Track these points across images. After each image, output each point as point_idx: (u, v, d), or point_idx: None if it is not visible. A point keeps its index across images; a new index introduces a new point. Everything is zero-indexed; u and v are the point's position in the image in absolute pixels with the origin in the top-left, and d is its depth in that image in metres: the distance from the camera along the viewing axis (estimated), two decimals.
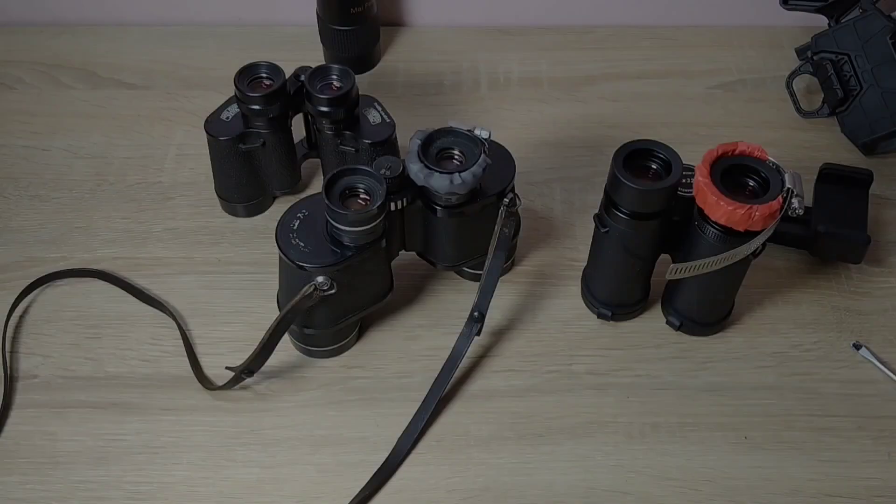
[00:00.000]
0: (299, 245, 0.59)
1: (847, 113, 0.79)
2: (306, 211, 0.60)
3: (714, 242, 0.57)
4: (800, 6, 0.80)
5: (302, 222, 0.60)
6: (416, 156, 0.59)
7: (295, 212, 0.60)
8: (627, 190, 0.57)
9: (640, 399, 0.64)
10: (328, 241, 0.59)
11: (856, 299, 0.69)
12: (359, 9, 0.83)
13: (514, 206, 0.62)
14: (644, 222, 0.59)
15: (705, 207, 0.56)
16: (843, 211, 0.70)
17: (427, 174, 0.58)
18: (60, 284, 0.70)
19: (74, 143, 0.81)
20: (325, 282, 0.58)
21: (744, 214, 0.54)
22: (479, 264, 0.65)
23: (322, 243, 0.59)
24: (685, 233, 0.60)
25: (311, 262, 0.58)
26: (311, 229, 0.59)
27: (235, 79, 0.67)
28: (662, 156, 0.58)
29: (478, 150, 0.60)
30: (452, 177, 0.58)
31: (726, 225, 0.56)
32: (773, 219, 0.55)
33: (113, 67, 0.88)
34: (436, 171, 0.58)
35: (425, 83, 0.87)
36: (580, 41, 0.91)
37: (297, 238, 0.59)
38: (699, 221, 0.58)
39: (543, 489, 0.59)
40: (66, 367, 0.65)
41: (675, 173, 0.57)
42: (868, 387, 0.64)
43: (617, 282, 0.65)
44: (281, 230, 0.59)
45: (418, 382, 0.64)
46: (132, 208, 0.75)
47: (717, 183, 0.55)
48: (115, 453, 0.61)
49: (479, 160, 0.59)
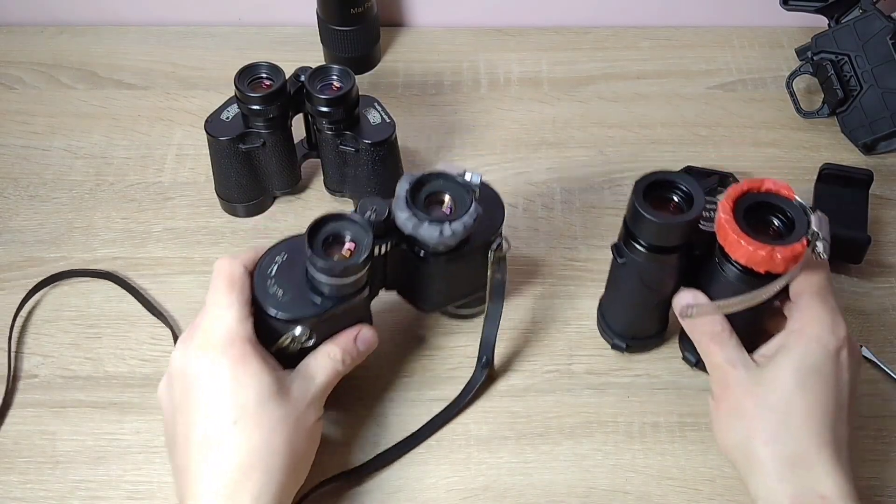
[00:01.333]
0: (277, 293, 0.54)
1: (847, 113, 0.79)
2: (285, 254, 0.56)
3: (734, 281, 0.55)
4: (800, 6, 0.80)
5: (280, 267, 0.55)
6: (404, 202, 0.55)
7: (273, 255, 0.56)
8: (647, 222, 0.54)
9: (640, 399, 0.63)
10: (308, 288, 0.55)
11: (856, 299, 0.69)
12: (359, 9, 0.83)
13: (503, 251, 0.60)
14: (663, 256, 0.56)
15: (726, 245, 0.53)
16: (843, 211, 0.70)
17: (416, 224, 0.55)
18: (60, 284, 0.70)
19: (74, 143, 0.81)
20: (304, 332, 0.54)
21: (765, 256, 0.52)
22: (463, 305, 0.65)
23: (301, 291, 0.55)
24: (705, 268, 0.57)
25: (288, 313, 0.54)
26: (289, 275, 0.55)
27: (235, 79, 0.67)
28: (684, 188, 0.56)
29: (469, 197, 0.56)
30: (442, 227, 0.55)
31: (747, 265, 0.53)
32: (796, 262, 0.52)
33: (112, 67, 0.88)
34: (425, 221, 0.55)
35: (425, 83, 0.87)
36: (580, 41, 0.91)
37: (275, 284, 0.55)
38: (719, 258, 0.55)
39: (543, 489, 0.59)
40: (65, 367, 0.65)
41: (697, 207, 0.54)
42: (868, 387, 0.64)
43: (633, 313, 0.63)
44: (258, 276, 0.55)
45: (418, 382, 0.64)
46: (132, 208, 0.75)
47: (739, 221, 0.53)
48: (114, 453, 0.61)
49: (470, 209, 0.56)
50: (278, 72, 0.68)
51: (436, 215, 0.56)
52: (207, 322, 0.53)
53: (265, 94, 0.67)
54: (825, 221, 0.53)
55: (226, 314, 0.53)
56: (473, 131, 0.82)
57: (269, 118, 0.68)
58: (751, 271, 0.53)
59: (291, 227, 0.74)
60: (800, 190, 0.75)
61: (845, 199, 0.71)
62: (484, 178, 0.57)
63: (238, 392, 0.52)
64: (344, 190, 0.74)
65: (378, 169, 0.70)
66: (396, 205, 0.55)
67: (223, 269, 0.54)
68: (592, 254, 0.72)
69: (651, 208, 0.54)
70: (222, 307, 0.53)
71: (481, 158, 0.80)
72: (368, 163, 0.70)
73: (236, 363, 0.52)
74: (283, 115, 0.69)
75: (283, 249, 0.56)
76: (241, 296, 0.54)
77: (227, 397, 0.51)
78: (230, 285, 0.54)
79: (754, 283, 0.54)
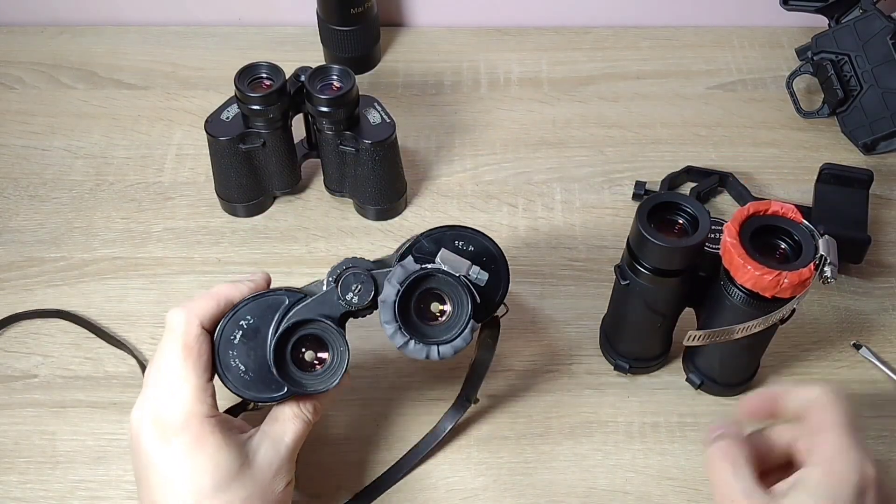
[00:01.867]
0: (239, 369, 0.49)
1: (847, 113, 0.79)
2: (250, 318, 0.50)
3: (739, 305, 0.54)
4: (800, 6, 0.80)
5: (245, 334, 0.50)
6: (391, 311, 0.49)
7: (238, 318, 0.50)
8: (651, 245, 0.53)
9: (640, 399, 0.63)
10: (273, 368, 0.49)
11: (856, 299, 0.69)
12: (359, 9, 0.83)
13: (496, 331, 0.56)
14: (667, 279, 0.55)
15: (731, 269, 0.52)
16: (843, 211, 0.70)
17: (403, 342, 0.49)
18: (60, 284, 0.70)
19: (74, 143, 0.81)
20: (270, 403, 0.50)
21: (772, 280, 0.51)
22: None
23: (265, 371, 0.50)
24: (711, 290, 0.56)
25: (252, 393, 0.50)
26: (254, 345, 0.50)
27: (235, 79, 0.67)
28: (689, 210, 0.54)
29: (467, 307, 0.50)
30: (429, 350, 0.49)
31: (753, 290, 0.52)
32: (803, 287, 0.51)
33: (112, 67, 0.88)
34: (411, 340, 0.49)
35: (425, 83, 0.87)
36: (580, 41, 0.91)
37: (236, 358, 0.49)
38: (725, 282, 0.54)
39: (543, 489, 0.59)
40: (65, 366, 0.65)
41: (703, 230, 0.53)
42: (868, 387, 0.64)
43: (636, 335, 0.62)
44: (221, 343, 0.49)
45: (418, 382, 0.64)
46: (132, 208, 0.75)
47: (745, 244, 0.52)
48: (114, 453, 0.61)
49: (464, 331, 0.50)
50: (278, 72, 0.68)
51: (426, 323, 0.51)
52: (162, 393, 0.49)
53: (265, 94, 0.67)
54: (833, 245, 0.52)
55: (181, 389, 0.48)
56: (473, 131, 0.82)
57: (269, 118, 0.68)
58: (757, 295, 0.52)
59: (291, 226, 0.74)
60: (800, 190, 0.76)
61: (845, 199, 0.71)
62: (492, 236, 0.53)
63: (194, 477, 0.48)
64: (344, 190, 0.74)
65: (378, 169, 0.70)
66: (383, 308, 0.49)
67: (177, 329, 0.49)
68: (592, 254, 0.72)
69: (656, 231, 0.53)
70: (177, 379, 0.49)
71: (481, 158, 0.80)
72: (368, 163, 0.70)
73: (192, 446, 0.48)
74: (283, 115, 0.69)
75: (249, 313, 0.50)
76: (197, 364, 0.49)
77: (182, 484, 0.48)
78: (186, 352, 0.49)
79: (761, 306, 0.53)
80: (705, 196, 0.76)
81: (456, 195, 0.77)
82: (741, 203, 0.75)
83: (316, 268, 0.71)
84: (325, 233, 0.74)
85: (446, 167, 0.79)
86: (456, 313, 0.50)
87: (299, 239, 0.73)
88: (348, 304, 0.49)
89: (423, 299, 0.50)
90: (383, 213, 0.74)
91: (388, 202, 0.74)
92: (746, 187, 0.75)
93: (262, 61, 0.68)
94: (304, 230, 0.74)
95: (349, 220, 0.75)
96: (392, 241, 0.73)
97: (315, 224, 0.74)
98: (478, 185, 0.77)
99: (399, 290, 0.49)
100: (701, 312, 0.59)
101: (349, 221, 0.75)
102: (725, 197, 0.77)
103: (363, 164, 0.70)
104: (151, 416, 0.49)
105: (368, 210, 0.74)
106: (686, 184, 0.77)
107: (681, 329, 0.60)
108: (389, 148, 0.70)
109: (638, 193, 0.75)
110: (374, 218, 0.75)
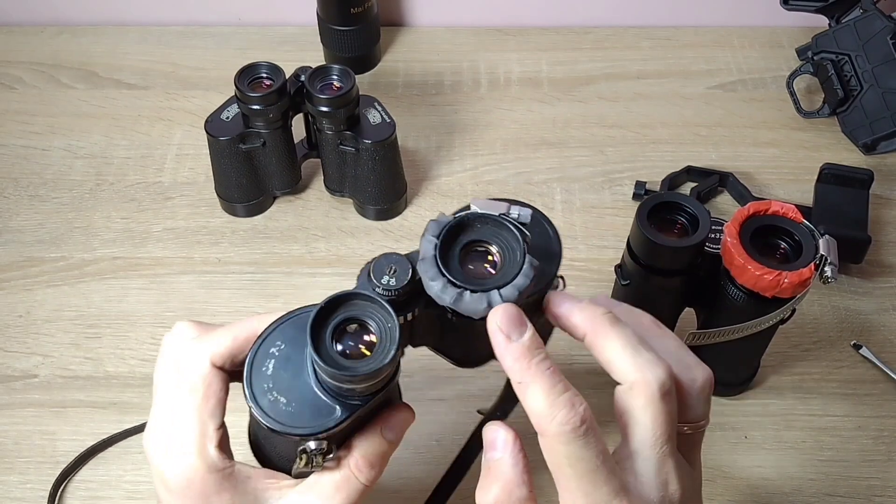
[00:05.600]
0: (279, 401, 0.41)
1: (847, 113, 0.79)
2: (282, 343, 0.42)
3: (740, 305, 0.53)
4: (800, 6, 0.80)
5: (278, 363, 0.41)
6: (434, 267, 0.41)
7: (268, 347, 0.42)
8: (651, 245, 0.53)
9: None
10: (318, 389, 0.41)
11: (856, 299, 0.69)
12: (359, 9, 0.83)
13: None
14: (667, 279, 0.55)
15: (732, 269, 0.52)
16: (843, 211, 0.70)
17: (455, 296, 0.40)
18: (60, 284, 0.70)
19: (74, 143, 0.81)
20: (320, 446, 0.41)
21: (772, 280, 0.51)
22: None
23: (310, 395, 0.41)
24: (711, 290, 0.56)
25: (299, 427, 0.40)
26: (292, 373, 0.41)
27: (235, 79, 0.67)
28: (689, 210, 0.54)
29: (518, 246, 0.42)
30: (490, 296, 0.40)
31: (753, 290, 0.52)
32: (803, 287, 0.51)
33: (112, 67, 0.88)
34: (466, 291, 0.40)
35: (425, 83, 0.87)
36: (580, 41, 0.91)
37: (275, 389, 0.41)
38: (725, 282, 0.54)
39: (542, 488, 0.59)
40: (65, 366, 0.65)
41: (703, 230, 0.53)
42: (868, 387, 0.64)
43: None
44: (254, 375, 0.41)
45: (418, 382, 0.64)
46: (132, 208, 0.75)
47: (745, 244, 0.52)
48: (114, 453, 0.61)
49: (523, 267, 0.41)
50: (278, 72, 0.68)
51: (477, 274, 0.42)
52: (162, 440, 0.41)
53: (265, 94, 0.67)
54: (833, 245, 0.52)
55: (180, 439, 0.41)
56: (473, 131, 0.82)
57: (269, 118, 0.68)
58: (757, 295, 0.52)
59: (291, 226, 0.74)
60: (800, 190, 0.76)
61: (845, 199, 0.71)
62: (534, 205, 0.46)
63: None
64: (344, 190, 0.74)
65: (378, 169, 0.70)
66: (424, 268, 0.41)
67: (181, 364, 0.42)
68: (592, 254, 0.72)
69: (656, 231, 0.53)
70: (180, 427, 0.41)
71: (481, 158, 0.80)
72: (368, 162, 0.70)
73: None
74: (283, 114, 0.69)
75: (279, 337, 0.42)
76: (203, 409, 0.41)
77: None
78: (190, 392, 0.41)
79: (761, 306, 0.53)
80: (705, 196, 0.76)
81: (456, 195, 0.77)
82: (741, 203, 0.75)
83: (316, 268, 0.71)
84: (325, 233, 0.74)
85: (446, 167, 0.79)
86: (507, 258, 0.43)
87: (299, 239, 0.73)
88: (386, 288, 0.41)
89: (468, 260, 0.43)
90: (383, 213, 0.74)
91: (388, 202, 0.74)
92: (747, 187, 0.75)
93: (262, 61, 0.68)
94: (304, 230, 0.74)
95: (349, 220, 0.75)
96: (392, 242, 0.73)
97: (315, 224, 0.74)
98: (478, 185, 0.77)
99: (436, 242, 0.41)
100: (701, 312, 0.59)
101: (349, 221, 0.75)
102: (725, 197, 0.77)
103: (363, 164, 0.70)
104: (155, 463, 0.42)
105: (368, 210, 0.74)
106: (686, 184, 0.77)
107: (681, 329, 0.60)
108: (389, 148, 0.70)
109: (638, 193, 0.75)
110: (374, 218, 0.75)
